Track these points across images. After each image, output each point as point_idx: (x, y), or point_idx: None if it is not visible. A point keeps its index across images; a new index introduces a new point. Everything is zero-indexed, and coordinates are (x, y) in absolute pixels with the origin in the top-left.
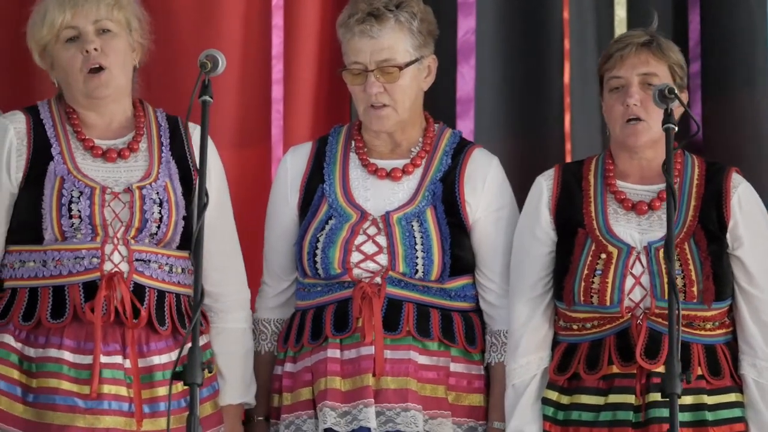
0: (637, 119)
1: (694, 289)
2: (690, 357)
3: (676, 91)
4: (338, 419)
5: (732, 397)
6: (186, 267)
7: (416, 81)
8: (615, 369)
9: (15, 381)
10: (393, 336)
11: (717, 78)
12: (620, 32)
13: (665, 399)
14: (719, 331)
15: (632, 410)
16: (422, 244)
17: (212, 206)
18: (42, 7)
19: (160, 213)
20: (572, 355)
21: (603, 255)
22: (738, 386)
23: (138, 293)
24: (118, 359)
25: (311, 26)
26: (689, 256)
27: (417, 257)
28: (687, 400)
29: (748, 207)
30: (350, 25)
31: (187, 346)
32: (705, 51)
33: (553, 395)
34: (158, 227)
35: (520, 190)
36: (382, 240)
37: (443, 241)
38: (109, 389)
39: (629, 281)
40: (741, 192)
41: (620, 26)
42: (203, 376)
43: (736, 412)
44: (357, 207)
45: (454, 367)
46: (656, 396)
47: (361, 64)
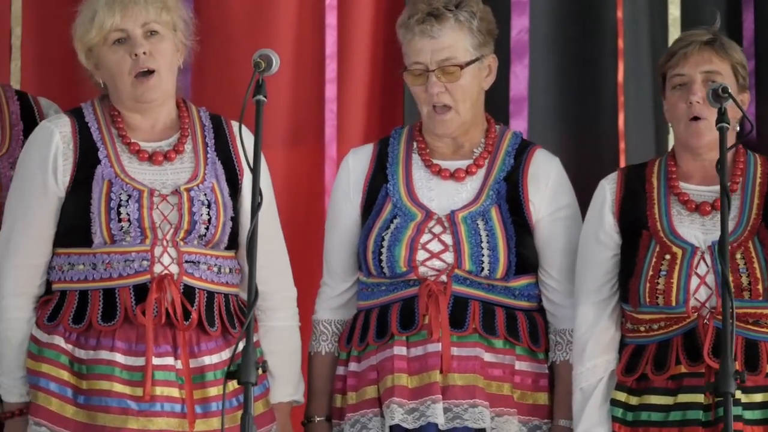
0: (699, 118)
1: (759, 287)
2: (758, 355)
3: (730, 91)
4: (405, 416)
5: None
6: (233, 267)
7: (477, 80)
8: (683, 369)
9: (65, 382)
10: (459, 333)
11: None
12: (674, 31)
13: (736, 398)
14: None
15: (701, 409)
16: (488, 242)
17: None
18: (90, 9)
19: (209, 214)
20: (640, 357)
21: (667, 256)
22: None
23: (188, 295)
24: (170, 361)
25: (365, 25)
26: (754, 255)
27: (483, 255)
28: (757, 398)
29: None
30: (410, 26)
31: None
32: (759, 50)
33: (622, 396)
34: (207, 229)
35: (574, 189)
36: (448, 238)
37: (508, 240)
38: (161, 391)
39: (694, 281)
40: None
41: (674, 25)
42: (257, 375)
43: None
44: (421, 206)
45: (519, 365)
46: None
47: (422, 65)
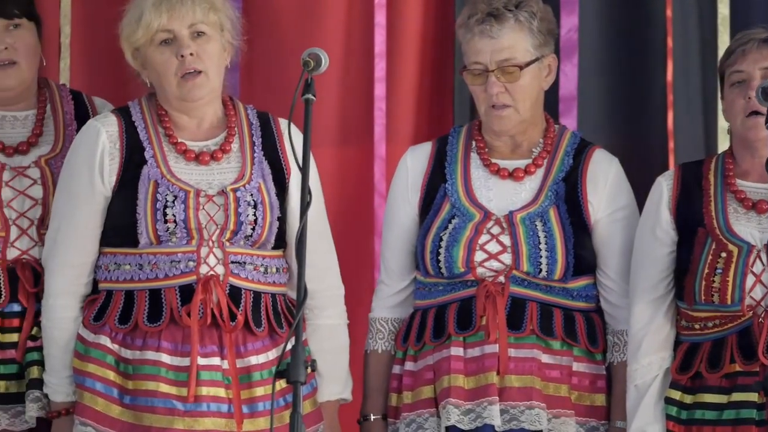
0: (758, 113)
1: None
2: None
3: None
4: (462, 417)
5: None
6: (281, 267)
7: (537, 80)
8: (737, 367)
9: (111, 382)
10: (517, 334)
11: None
12: (723, 30)
13: None
14: None
15: (755, 408)
16: (546, 244)
17: None
18: (137, 9)
19: (255, 215)
20: (694, 355)
21: (723, 254)
22: None
23: (234, 295)
24: (216, 361)
25: (414, 24)
26: None
27: (541, 256)
28: None
29: None
30: (470, 26)
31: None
32: None
33: (676, 395)
34: (253, 229)
35: None
36: (506, 239)
37: (567, 241)
38: (208, 391)
39: (750, 279)
40: None
41: (723, 24)
42: (306, 374)
43: None
44: (480, 206)
45: (577, 367)
46: None
47: (482, 65)
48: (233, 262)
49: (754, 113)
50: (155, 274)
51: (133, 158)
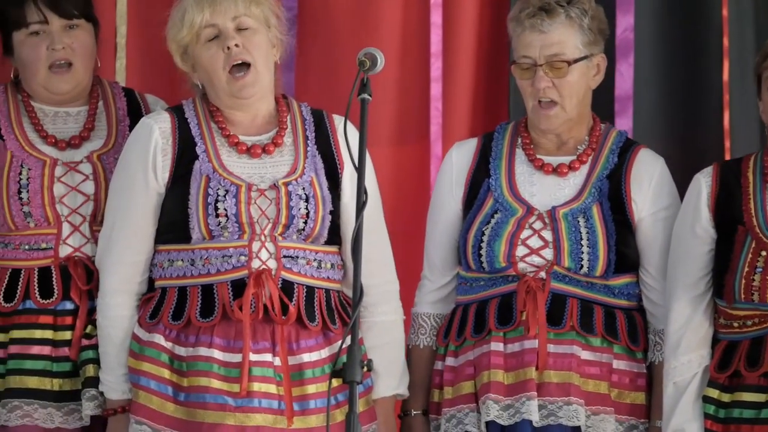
0: None
1: None
2: None
3: None
4: (501, 412)
5: None
6: (335, 262)
7: (585, 78)
8: None
9: (166, 380)
10: (556, 330)
11: None
12: None
13: None
14: None
15: None
16: (588, 240)
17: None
18: (180, 9)
19: (307, 209)
20: (733, 353)
21: (763, 252)
22: None
23: (287, 290)
24: (268, 357)
25: (470, 23)
26: None
27: (582, 253)
28: None
29: None
30: (521, 19)
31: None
32: None
33: (714, 393)
34: (305, 223)
35: (679, 188)
36: (548, 235)
37: (609, 238)
38: (259, 387)
39: None
40: None
41: None
42: (362, 373)
43: None
44: (523, 202)
45: (617, 364)
46: None
47: (531, 59)
48: (285, 257)
49: None
50: (207, 270)
51: (186, 154)
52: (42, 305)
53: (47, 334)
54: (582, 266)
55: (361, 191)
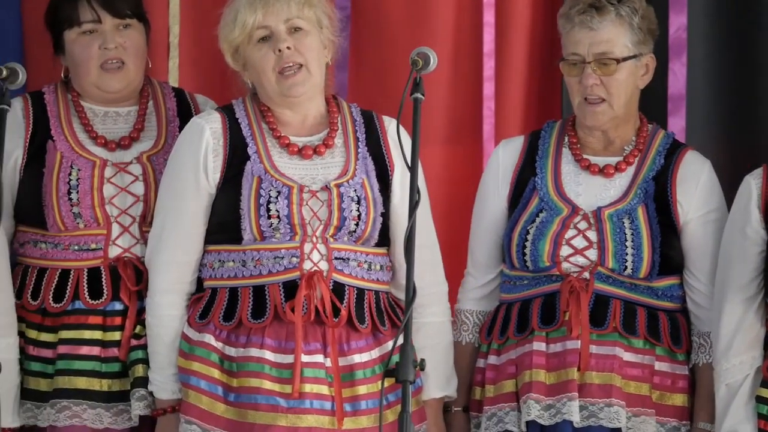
0: None
1: None
2: None
3: None
4: (542, 412)
5: None
6: (384, 264)
7: (633, 77)
8: None
9: (216, 380)
10: (599, 331)
11: None
12: None
13: None
14: None
15: None
16: (632, 241)
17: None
18: (233, 9)
19: (358, 210)
20: None
21: None
22: None
23: (338, 292)
24: (319, 358)
25: (523, 23)
26: None
27: (627, 254)
28: None
29: None
30: (571, 16)
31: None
32: None
33: None
34: (357, 225)
35: (732, 189)
36: (593, 235)
37: (653, 240)
38: (311, 388)
39: None
40: None
41: None
42: (415, 373)
43: None
44: (568, 201)
45: (659, 366)
46: None
47: (579, 56)
48: (337, 258)
49: None
50: (259, 271)
51: (237, 154)
52: (91, 306)
53: (96, 335)
54: (626, 267)
55: (414, 191)
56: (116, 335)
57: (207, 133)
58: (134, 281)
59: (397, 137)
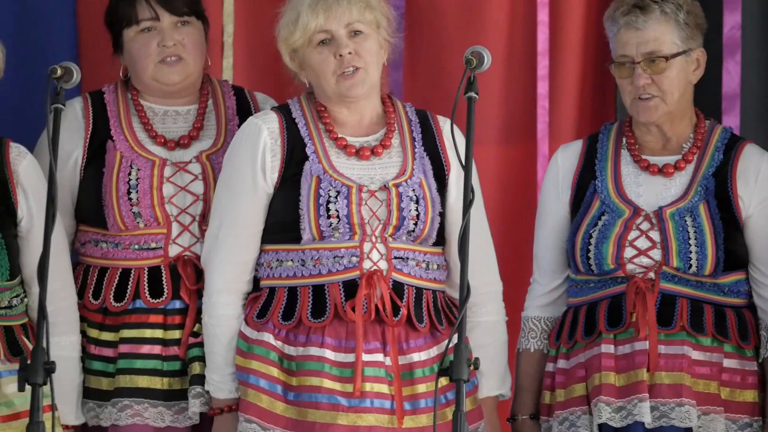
0: None
1: None
2: None
3: None
4: (613, 414)
5: None
6: (440, 263)
7: (684, 73)
8: None
9: (275, 379)
10: (667, 331)
11: None
12: None
13: None
14: None
15: None
16: (696, 239)
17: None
18: (293, 10)
19: (417, 210)
20: None
21: None
22: None
23: (397, 291)
24: (379, 357)
25: (577, 22)
26: None
27: (691, 252)
28: None
29: None
30: (616, 18)
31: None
32: None
33: None
34: (415, 224)
35: None
36: (656, 235)
37: (716, 236)
38: (371, 387)
39: None
40: None
41: None
42: (469, 372)
43: None
44: (629, 203)
45: (728, 363)
46: None
47: (628, 57)
48: (396, 258)
49: None
50: (318, 270)
51: (295, 154)
52: (152, 305)
53: (157, 334)
54: (691, 266)
55: (468, 189)
56: (176, 334)
57: (264, 133)
58: (194, 280)
59: (452, 136)
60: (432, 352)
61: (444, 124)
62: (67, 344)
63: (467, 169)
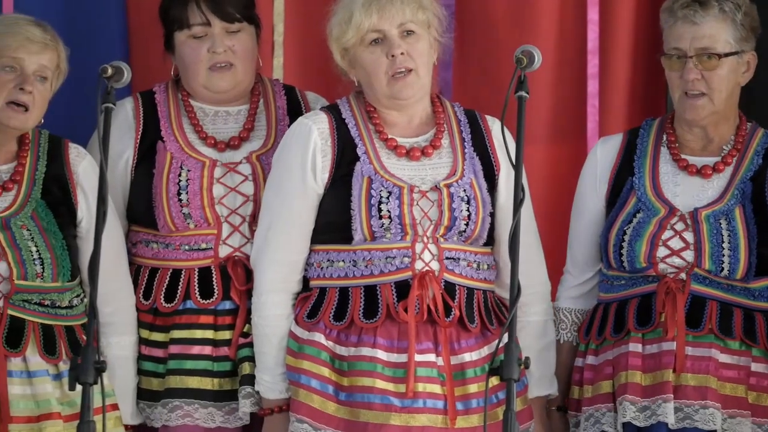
0: None
1: None
2: None
3: None
4: (637, 413)
5: None
6: (490, 263)
7: (734, 74)
8: None
9: (327, 379)
10: (695, 333)
11: None
12: None
13: None
14: None
15: None
16: (729, 243)
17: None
18: (346, 10)
19: (468, 210)
20: None
21: None
22: None
23: (448, 291)
24: (431, 357)
25: (627, 20)
26: None
27: (723, 255)
28: None
29: None
30: (674, 10)
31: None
32: None
33: None
34: (466, 225)
35: None
36: (689, 236)
37: (750, 241)
38: (424, 387)
39: None
40: None
41: None
42: (519, 371)
43: None
44: (665, 202)
45: (755, 367)
46: None
47: (681, 50)
48: (448, 258)
49: None
50: (370, 271)
51: (346, 155)
52: (202, 305)
53: (208, 334)
54: (723, 269)
55: (518, 189)
56: (227, 334)
57: (315, 134)
58: (244, 280)
59: (502, 136)
60: (483, 352)
61: (493, 124)
62: (127, 344)
63: (518, 169)
